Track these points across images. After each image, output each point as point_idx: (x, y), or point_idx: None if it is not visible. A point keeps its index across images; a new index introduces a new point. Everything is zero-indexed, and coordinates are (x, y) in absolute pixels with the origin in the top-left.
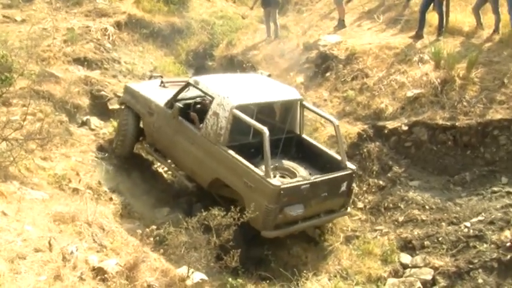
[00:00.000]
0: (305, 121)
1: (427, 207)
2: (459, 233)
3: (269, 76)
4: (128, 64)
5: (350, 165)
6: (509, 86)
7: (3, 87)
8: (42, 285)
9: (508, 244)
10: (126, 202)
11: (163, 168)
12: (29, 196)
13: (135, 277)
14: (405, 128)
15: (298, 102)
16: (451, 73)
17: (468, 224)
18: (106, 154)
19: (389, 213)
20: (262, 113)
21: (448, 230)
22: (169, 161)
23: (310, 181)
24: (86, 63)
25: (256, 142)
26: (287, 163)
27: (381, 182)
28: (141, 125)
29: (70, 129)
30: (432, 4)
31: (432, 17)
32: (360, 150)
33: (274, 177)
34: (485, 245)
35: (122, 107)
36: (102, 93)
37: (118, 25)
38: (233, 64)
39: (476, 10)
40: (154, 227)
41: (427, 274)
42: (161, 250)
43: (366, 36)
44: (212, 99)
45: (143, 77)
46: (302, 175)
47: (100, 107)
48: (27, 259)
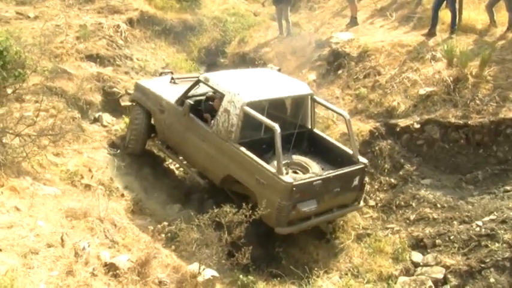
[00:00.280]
0: (317, 118)
1: (439, 205)
2: (471, 232)
3: (279, 70)
4: (140, 61)
5: (362, 159)
6: None
7: (16, 83)
8: (54, 280)
9: None
10: (137, 198)
11: (174, 165)
12: (42, 192)
13: (147, 273)
14: (417, 126)
15: (309, 96)
16: (464, 71)
17: (480, 223)
18: (118, 151)
19: (400, 211)
20: (273, 109)
21: (460, 229)
22: (180, 158)
23: (322, 177)
24: (98, 59)
25: (267, 138)
26: (299, 158)
27: (393, 180)
28: (153, 122)
29: (82, 125)
30: (445, 1)
31: (445, 15)
32: (372, 148)
33: (286, 173)
34: (497, 244)
35: (133, 104)
36: (114, 89)
37: (130, 22)
38: (245, 61)
39: (489, 7)
40: (165, 224)
41: (439, 273)
42: (173, 246)
43: (378, 33)
44: (223, 96)
45: (155, 74)
46: (314, 170)
47: (112, 104)
48: (39, 254)
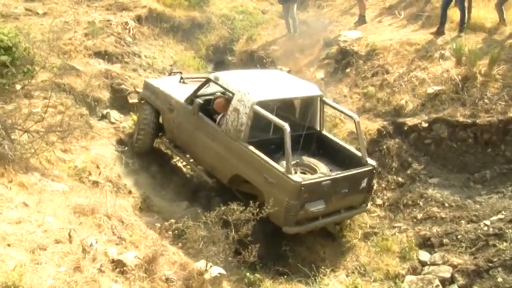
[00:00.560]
0: (324, 117)
1: (447, 204)
2: (479, 231)
3: (289, 72)
4: (148, 58)
5: (370, 161)
6: None
7: (25, 79)
8: (62, 276)
9: None
10: (145, 195)
11: (182, 162)
12: (50, 188)
13: (154, 270)
14: (425, 125)
15: (318, 98)
16: (473, 70)
17: (488, 222)
18: (126, 147)
19: (408, 210)
20: (282, 109)
21: (468, 228)
22: (188, 157)
23: (331, 177)
24: (107, 56)
25: (276, 138)
26: (307, 159)
27: (400, 179)
28: (161, 121)
29: (90, 122)
30: (454, 0)
31: (454, 13)
32: (380, 146)
33: (295, 173)
34: (505, 244)
35: (141, 103)
36: (122, 86)
37: (139, 19)
38: (253, 59)
39: (499, 6)
40: (173, 221)
41: (446, 272)
42: (180, 244)
43: (387, 32)
44: (232, 95)
45: (163, 71)
46: (323, 171)
47: (120, 101)
48: (47, 250)
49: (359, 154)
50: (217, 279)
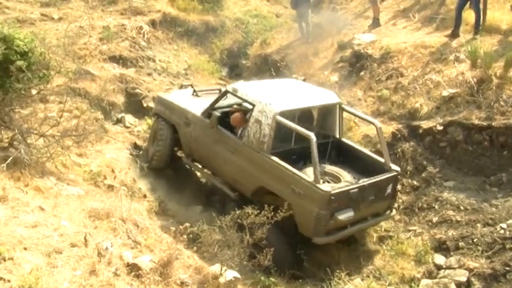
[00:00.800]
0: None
1: (462, 208)
2: (495, 235)
3: (304, 80)
4: (163, 62)
5: (394, 167)
6: None
7: (41, 84)
8: (78, 279)
9: None
10: (160, 199)
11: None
12: (65, 192)
13: (169, 274)
14: (440, 128)
15: (337, 105)
16: (488, 72)
17: (504, 226)
18: (140, 152)
19: (423, 213)
20: (302, 119)
21: (484, 232)
22: (205, 171)
23: (359, 185)
24: (121, 61)
25: (298, 148)
26: (330, 168)
27: (415, 182)
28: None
29: (105, 126)
30: (469, 2)
31: (468, 15)
32: (394, 150)
33: (322, 182)
34: None
35: (156, 119)
36: (137, 91)
37: (153, 23)
38: (267, 63)
39: None
40: (188, 225)
41: (462, 276)
42: (194, 248)
43: (401, 35)
44: (253, 106)
45: (177, 75)
46: (347, 180)
47: (135, 105)
48: (63, 254)
49: (381, 160)
50: (232, 283)
